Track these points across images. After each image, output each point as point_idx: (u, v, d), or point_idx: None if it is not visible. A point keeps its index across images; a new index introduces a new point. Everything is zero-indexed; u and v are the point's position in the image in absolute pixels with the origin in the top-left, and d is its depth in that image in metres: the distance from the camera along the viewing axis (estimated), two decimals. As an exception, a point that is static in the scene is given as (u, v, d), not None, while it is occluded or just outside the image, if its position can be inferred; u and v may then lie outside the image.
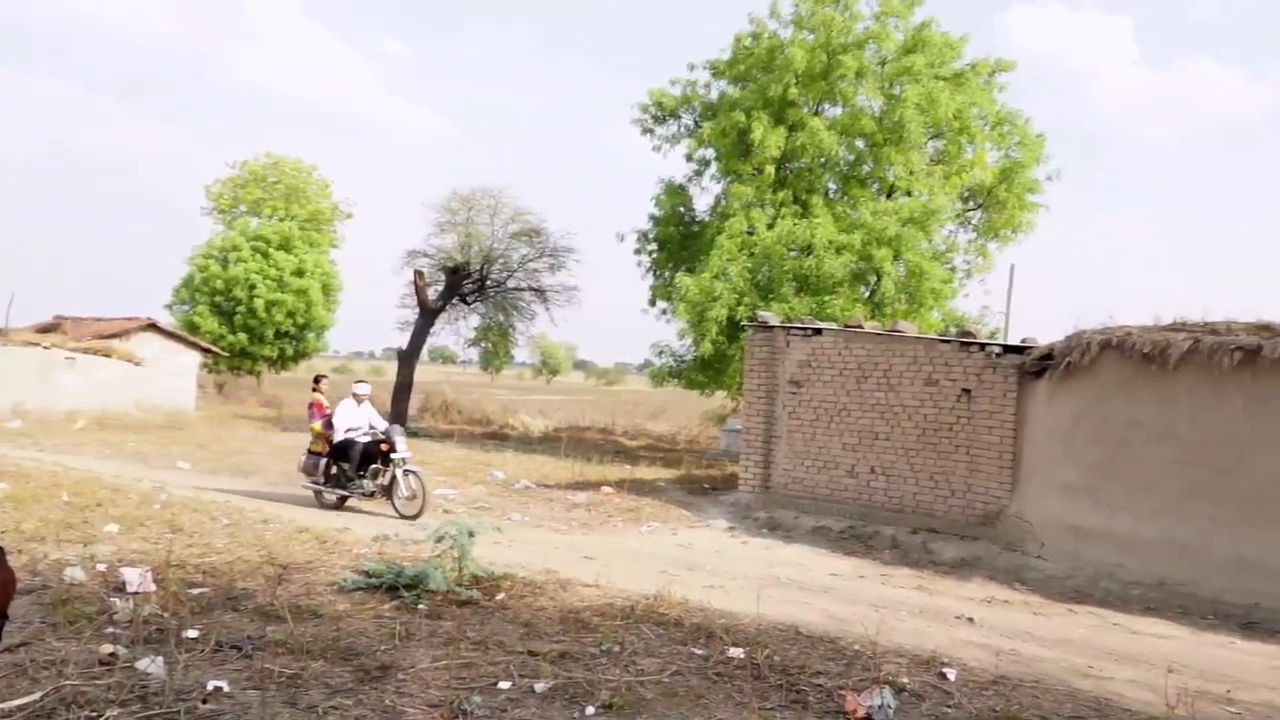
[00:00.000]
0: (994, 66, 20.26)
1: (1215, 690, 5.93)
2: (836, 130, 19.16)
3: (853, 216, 18.83)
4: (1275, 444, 8.63)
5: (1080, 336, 10.13)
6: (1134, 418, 9.46)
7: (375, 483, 11.56)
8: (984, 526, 10.77)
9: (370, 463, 11.60)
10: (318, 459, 12.04)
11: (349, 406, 12.21)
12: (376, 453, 11.61)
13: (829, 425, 12.34)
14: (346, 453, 11.76)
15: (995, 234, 20.63)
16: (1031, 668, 6.08)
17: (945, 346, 11.52)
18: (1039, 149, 20.01)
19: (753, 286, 18.11)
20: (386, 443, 11.54)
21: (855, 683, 5.30)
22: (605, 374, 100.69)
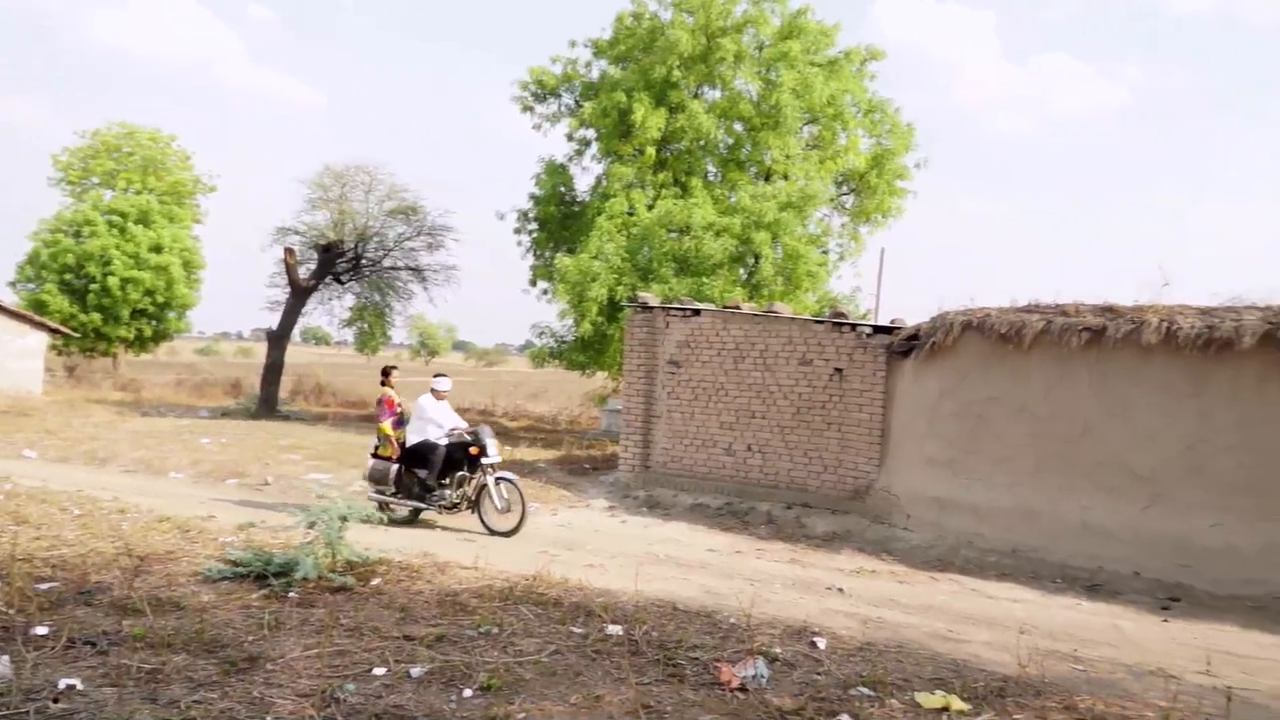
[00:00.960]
0: (866, 55, 20.84)
1: (1063, 649, 6.33)
2: (716, 113, 19.38)
3: (732, 199, 19.11)
4: (1117, 417, 9.24)
5: (944, 318, 10.58)
6: (992, 394, 9.96)
7: (459, 492, 10.06)
8: (854, 500, 11.17)
9: (454, 469, 10.08)
10: (387, 465, 10.30)
11: (428, 403, 10.42)
12: (463, 457, 10.06)
13: (707, 404, 12.54)
14: (426, 457, 10.08)
15: (867, 218, 21.30)
16: (896, 633, 6.35)
17: (819, 327, 11.85)
18: (908, 137, 20.73)
19: (632, 267, 18.18)
20: (476, 445, 9.99)
21: (730, 654, 5.42)
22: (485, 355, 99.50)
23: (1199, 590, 8.34)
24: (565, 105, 22.00)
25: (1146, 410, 9.11)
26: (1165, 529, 8.78)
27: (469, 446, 10.02)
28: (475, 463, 9.99)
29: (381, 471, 10.32)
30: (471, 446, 10.00)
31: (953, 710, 4.58)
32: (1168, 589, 8.42)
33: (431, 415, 10.32)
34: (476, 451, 9.95)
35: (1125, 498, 9.01)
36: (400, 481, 10.26)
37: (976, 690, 4.96)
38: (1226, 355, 8.69)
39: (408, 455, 10.26)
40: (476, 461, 9.97)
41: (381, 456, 10.43)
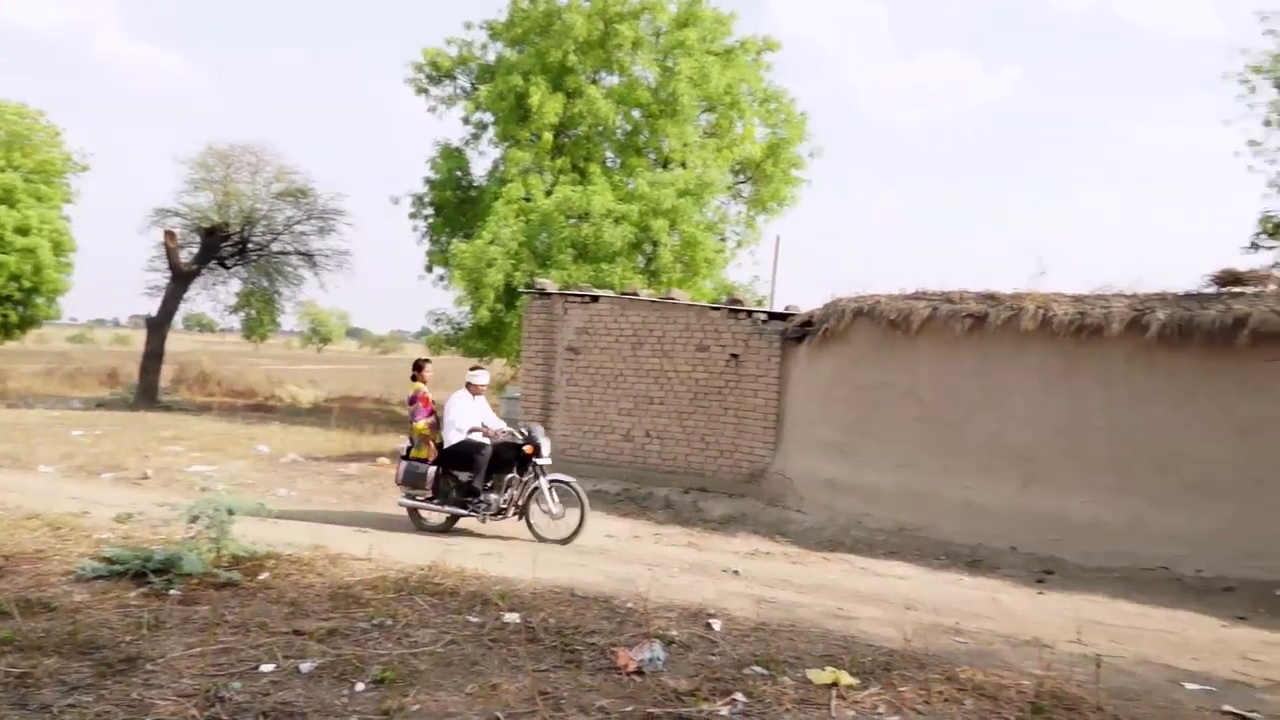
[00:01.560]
0: (762, 45, 21.11)
1: (946, 623, 6.60)
2: (614, 99, 19.34)
3: (630, 186, 19.13)
4: (997, 401, 9.65)
5: (836, 305, 10.85)
6: (882, 379, 10.27)
7: (505, 497, 9.23)
8: (750, 484, 11.38)
9: (501, 471, 9.26)
10: (423, 467, 9.35)
11: (464, 400, 9.51)
12: (512, 458, 9.24)
13: (606, 391, 12.56)
14: (471, 459, 9.16)
15: (763, 207, 21.61)
16: (789, 613, 6.51)
17: (716, 314, 12.00)
18: (802, 126, 21.10)
19: (531, 253, 18.04)
20: (530, 444, 9.18)
21: (628, 639, 5.46)
22: (381, 342, 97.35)
23: (1070, 563, 8.80)
24: (461, 88, 21.64)
25: (1024, 393, 9.54)
26: (1040, 506, 9.23)
27: (520, 446, 9.18)
28: (526, 464, 9.19)
29: (416, 475, 9.36)
30: (525, 446, 9.17)
31: (842, 685, 4.71)
32: (1042, 563, 8.85)
33: (468, 413, 9.45)
34: (531, 451, 9.14)
35: (1004, 477, 9.43)
36: (437, 486, 9.34)
37: (864, 665, 5.12)
38: (1096, 340, 9.16)
39: (447, 456, 9.32)
40: (528, 462, 9.18)
41: (415, 459, 9.47)
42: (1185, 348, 8.76)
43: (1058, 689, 4.76)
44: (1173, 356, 8.84)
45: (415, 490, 9.42)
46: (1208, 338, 8.64)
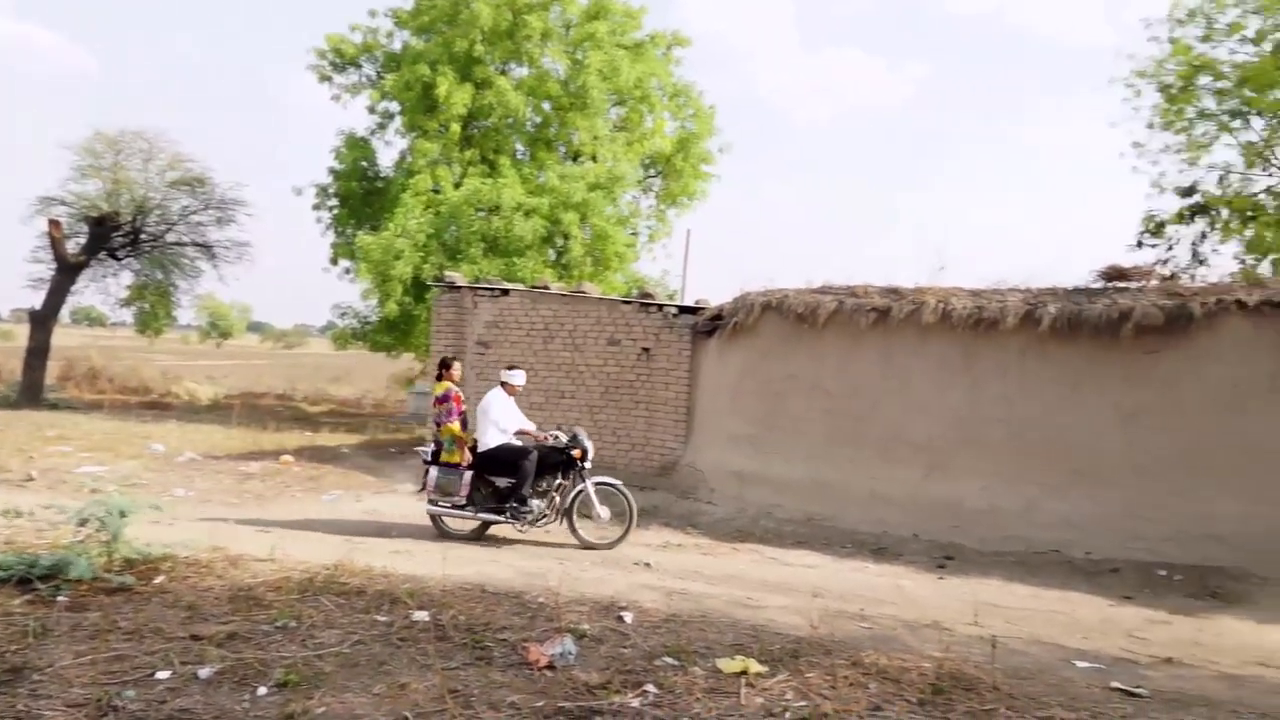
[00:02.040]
0: (671, 40, 21.21)
1: (851, 609, 6.76)
2: (524, 91, 19.18)
3: (540, 179, 19.02)
4: (901, 393, 9.93)
5: (745, 298, 11.00)
6: (790, 372, 10.45)
7: (547, 502, 8.87)
8: (662, 476, 11.45)
9: (546, 476, 8.91)
10: (456, 472, 8.84)
11: (500, 399, 9.02)
12: (557, 462, 8.93)
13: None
14: (516, 464, 8.73)
15: (673, 201, 21.74)
16: (700, 604, 6.58)
17: (627, 307, 12.03)
18: (711, 121, 21.31)
19: (440, 246, 17.78)
20: (577, 448, 8.87)
21: (539, 634, 5.43)
22: (284, 336, 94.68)
23: (969, 549, 9.11)
24: (366, 76, 21.18)
25: (925, 385, 9.83)
26: (940, 494, 9.53)
27: (564, 450, 8.88)
28: (571, 468, 8.94)
29: (450, 480, 8.85)
30: (572, 449, 8.87)
31: (751, 673, 4.79)
32: (943, 549, 9.15)
33: (508, 414, 9.02)
34: (579, 455, 8.86)
35: (906, 467, 9.71)
36: (472, 492, 8.89)
37: (773, 653, 5.21)
38: (993, 333, 9.51)
39: (485, 461, 8.86)
40: (573, 467, 8.92)
41: (446, 463, 8.93)
42: (1074, 340, 9.16)
43: (956, 670, 4.93)
44: (1063, 348, 9.23)
45: (449, 497, 8.89)
46: (1095, 330, 9.05)
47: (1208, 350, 8.74)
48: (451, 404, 9.02)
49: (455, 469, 8.86)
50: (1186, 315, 8.79)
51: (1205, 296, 8.91)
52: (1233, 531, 8.41)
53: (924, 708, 4.48)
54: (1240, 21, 16.97)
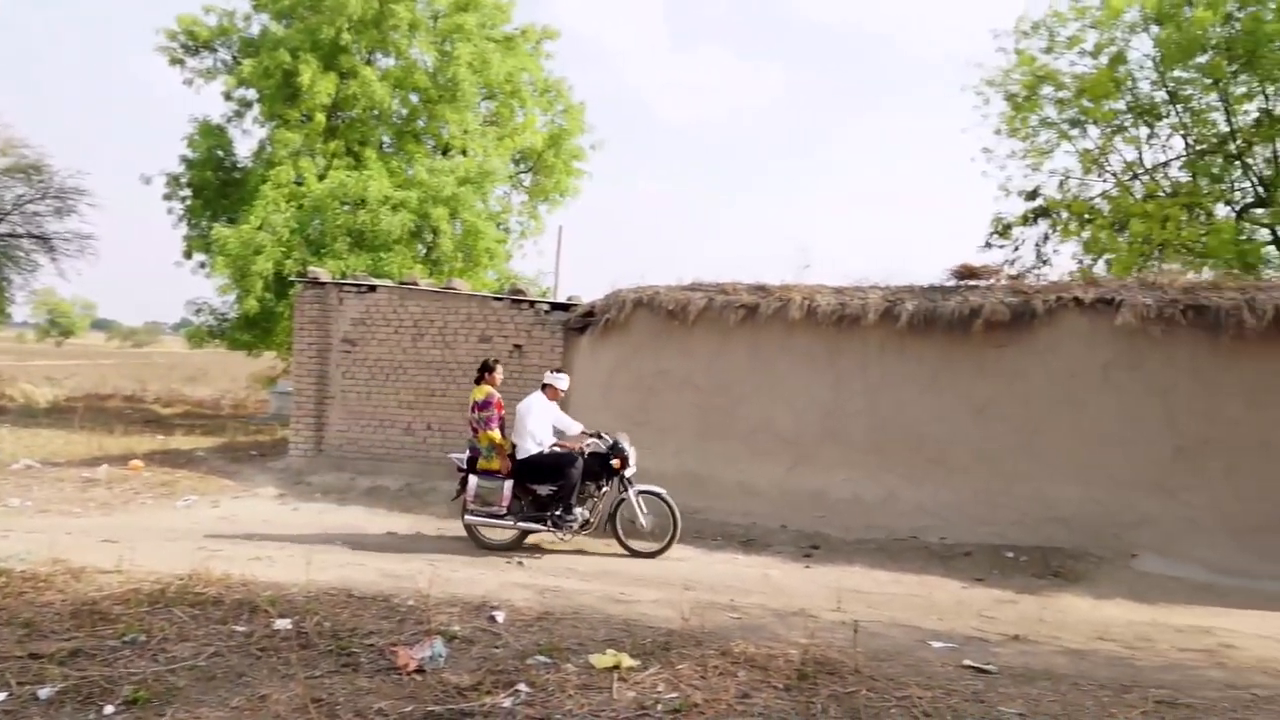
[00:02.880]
0: (541, 34, 21.08)
1: (721, 600, 6.89)
2: (390, 82, 18.71)
3: (409, 173, 18.60)
4: (768, 387, 10.18)
5: (617, 295, 11.06)
6: (661, 368, 10.56)
7: (589, 508, 8.70)
8: (534, 474, 11.37)
9: (588, 483, 8.72)
10: (498, 482, 8.56)
11: (544, 405, 8.77)
12: (599, 470, 8.70)
13: (385, 383, 12.18)
14: (561, 470, 8.52)
15: (545, 197, 21.64)
16: (573, 600, 6.57)
17: (498, 304, 11.91)
18: (583, 117, 21.30)
19: (303, 240, 17.15)
20: (618, 456, 8.65)
21: (408, 637, 5.32)
22: (133, 335, 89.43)
23: (834, 538, 9.42)
24: (222, 61, 20.21)
25: (792, 379, 10.11)
26: (806, 485, 9.83)
27: (606, 457, 8.69)
28: (613, 475, 8.73)
29: (491, 490, 8.57)
30: (613, 458, 8.67)
31: (623, 667, 4.82)
32: (809, 538, 9.42)
33: (549, 420, 8.80)
34: (619, 464, 8.66)
35: (774, 459, 9.96)
36: (511, 501, 8.62)
37: (645, 646, 5.25)
38: (855, 329, 9.86)
39: (526, 468, 8.60)
40: (615, 474, 8.72)
41: (485, 470, 8.63)
42: (930, 335, 9.60)
43: (821, 655, 5.08)
44: (920, 343, 9.66)
45: (490, 507, 8.61)
46: (949, 326, 9.51)
47: (1049, 344, 9.30)
48: (492, 410, 8.66)
49: (495, 477, 8.58)
50: (1030, 312, 9.33)
51: (1047, 294, 9.48)
52: (1072, 514, 8.98)
53: (790, 693, 4.60)
54: (1079, 35, 18.14)
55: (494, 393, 8.79)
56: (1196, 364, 8.84)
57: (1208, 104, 17.47)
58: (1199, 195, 17.42)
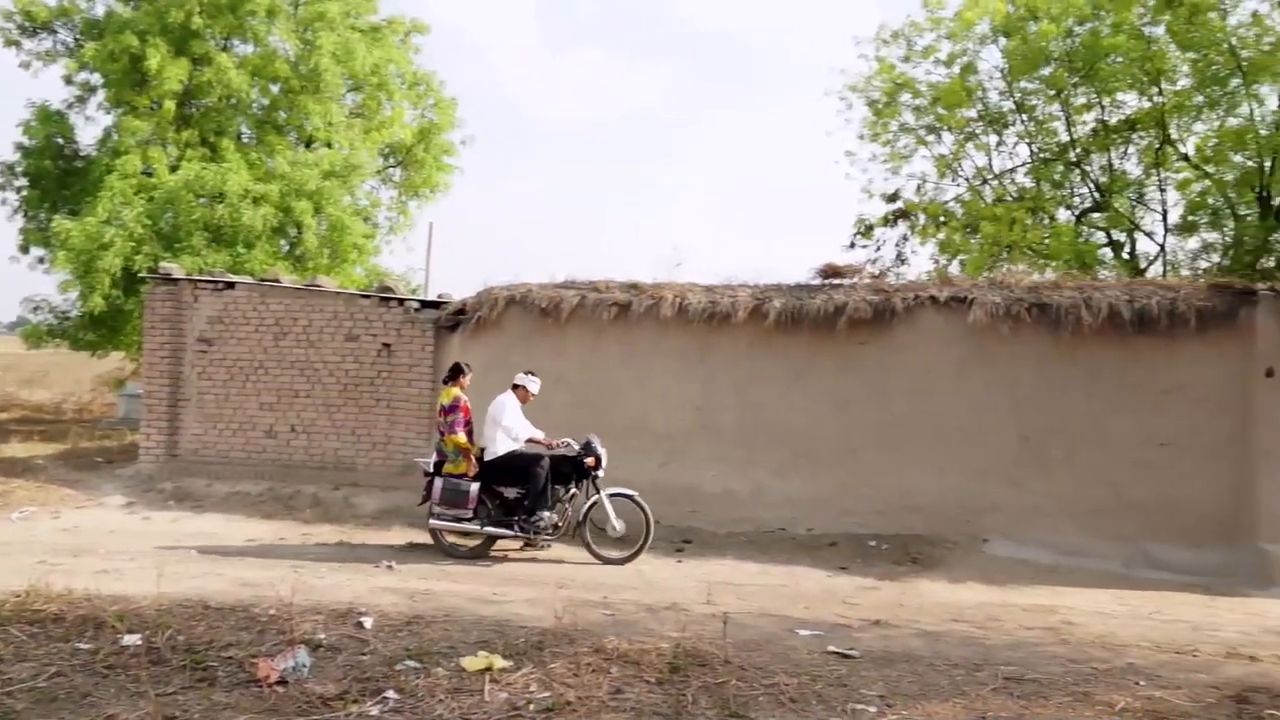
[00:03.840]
0: (410, 27, 20.60)
1: (595, 598, 6.91)
2: (248, 70, 17.91)
3: (269, 165, 17.87)
4: (641, 384, 10.27)
5: (489, 293, 10.94)
6: (535, 366, 10.49)
7: (558, 512, 8.53)
8: (404, 476, 11.11)
9: (558, 486, 8.56)
10: (465, 485, 8.38)
11: (512, 405, 8.65)
12: (570, 472, 8.57)
13: (245, 384, 11.68)
14: (527, 472, 8.38)
15: (415, 192, 21.15)
16: (444, 603, 6.47)
17: (365, 302, 11.59)
18: (453, 113, 20.92)
19: (154, 235, 16.25)
20: (590, 456, 8.51)
21: (269, 648, 5.12)
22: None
23: (705, 531, 9.59)
24: (62, 43, 18.91)
25: (665, 377, 10.24)
26: (679, 481, 9.96)
27: (576, 459, 8.58)
28: (585, 477, 8.61)
29: (458, 493, 8.39)
30: (585, 457, 8.54)
31: (495, 669, 4.77)
32: (681, 533, 9.56)
33: (522, 421, 8.68)
34: (593, 464, 8.54)
35: (648, 456, 10.05)
36: (478, 505, 8.45)
37: (518, 646, 5.22)
38: (726, 326, 10.06)
39: (493, 470, 8.49)
40: (585, 476, 8.60)
41: (451, 474, 8.48)
42: (797, 332, 9.89)
43: (692, 648, 5.17)
44: (787, 340, 9.93)
45: (457, 511, 8.43)
46: (814, 323, 9.82)
47: (907, 341, 9.72)
48: (459, 414, 8.60)
49: (462, 480, 8.46)
50: (890, 310, 9.73)
51: (905, 293, 9.90)
52: (928, 502, 9.42)
53: (662, 687, 4.66)
54: (934, 45, 19.02)
55: (461, 396, 8.73)
56: (1040, 359, 9.41)
57: (1050, 114, 18.61)
58: (1042, 200, 18.54)
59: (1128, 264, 18.08)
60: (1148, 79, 16.95)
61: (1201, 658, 5.84)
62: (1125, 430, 9.17)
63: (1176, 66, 17.05)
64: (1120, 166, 18.47)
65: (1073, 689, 4.90)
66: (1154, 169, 18.01)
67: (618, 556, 8.50)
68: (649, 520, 8.53)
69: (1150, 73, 16.76)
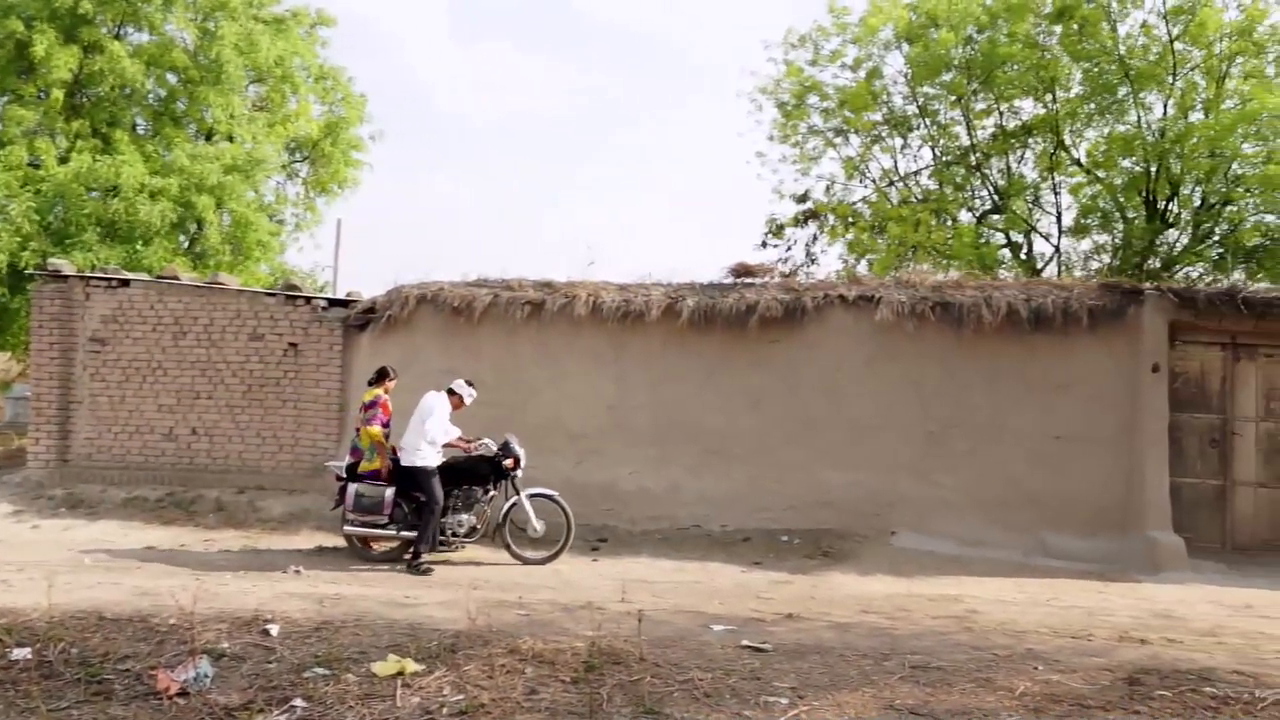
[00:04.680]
0: (316, 19, 20.08)
1: (510, 599, 6.85)
2: (144, 59, 17.21)
3: (167, 158, 17.20)
4: (556, 383, 10.24)
5: (399, 291, 10.76)
6: (447, 366, 10.36)
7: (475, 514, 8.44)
8: (313, 478, 10.85)
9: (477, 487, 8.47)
10: (379, 490, 8.22)
11: (445, 409, 8.44)
12: (488, 473, 8.45)
13: (141, 386, 11.23)
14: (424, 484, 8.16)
15: (323, 189, 20.62)
16: (355, 607, 6.32)
17: (270, 300, 11.27)
18: (362, 108, 20.47)
19: (42, 230, 15.48)
20: (510, 456, 8.44)
21: (169, 659, 4.93)
22: None
23: (621, 530, 9.61)
24: (-61, 26, 17.87)
25: (579, 376, 10.22)
26: (595, 480, 9.96)
27: (494, 459, 8.47)
28: (503, 478, 8.54)
29: (373, 499, 8.22)
30: (504, 458, 8.46)
31: (407, 673, 4.69)
32: (597, 531, 9.56)
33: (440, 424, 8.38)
34: (511, 464, 8.48)
35: (562, 455, 10.02)
36: (394, 509, 8.25)
37: (430, 650, 5.14)
38: (640, 326, 10.10)
39: (405, 476, 8.27)
40: (505, 477, 8.54)
41: (366, 472, 8.31)
42: (710, 331, 9.99)
43: (607, 646, 5.16)
44: (701, 338, 10.03)
45: (371, 516, 8.26)
46: (727, 322, 9.93)
47: (817, 339, 9.91)
48: (378, 410, 8.49)
49: (377, 482, 8.29)
50: (801, 308, 9.91)
51: (815, 292, 10.10)
52: (839, 497, 9.62)
53: (577, 686, 4.64)
54: (841, 50, 19.43)
55: (382, 395, 8.64)
56: (944, 356, 9.70)
57: (952, 119, 19.21)
58: (945, 202, 19.13)
59: (1025, 264, 18.80)
60: (1042, 86, 17.66)
61: (1096, 642, 6.10)
62: (1024, 424, 9.53)
63: (1069, 75, 17.80)
64: (1018, 170, 19.20)
65: (976, 675, 5.06)
66: (1049, 173, 18.77)
67: (538, 557, 8.45)
68: (570, 520, 8.50)
69: (1045, 80, 17.46)
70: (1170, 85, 16.78)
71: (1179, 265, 17.64)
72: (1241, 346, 9.65)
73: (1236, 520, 9.59)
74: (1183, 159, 16.34)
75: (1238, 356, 9.68)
